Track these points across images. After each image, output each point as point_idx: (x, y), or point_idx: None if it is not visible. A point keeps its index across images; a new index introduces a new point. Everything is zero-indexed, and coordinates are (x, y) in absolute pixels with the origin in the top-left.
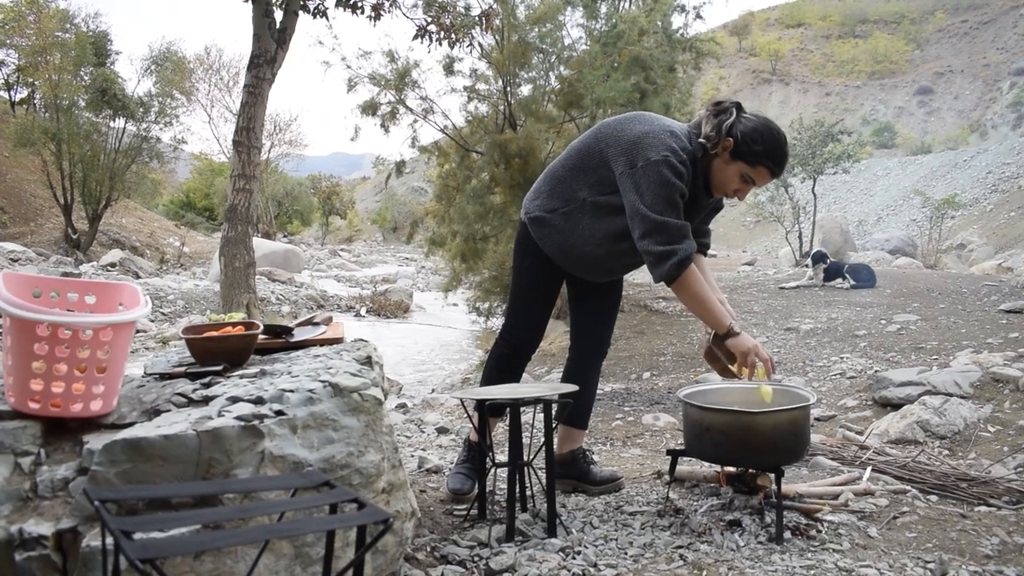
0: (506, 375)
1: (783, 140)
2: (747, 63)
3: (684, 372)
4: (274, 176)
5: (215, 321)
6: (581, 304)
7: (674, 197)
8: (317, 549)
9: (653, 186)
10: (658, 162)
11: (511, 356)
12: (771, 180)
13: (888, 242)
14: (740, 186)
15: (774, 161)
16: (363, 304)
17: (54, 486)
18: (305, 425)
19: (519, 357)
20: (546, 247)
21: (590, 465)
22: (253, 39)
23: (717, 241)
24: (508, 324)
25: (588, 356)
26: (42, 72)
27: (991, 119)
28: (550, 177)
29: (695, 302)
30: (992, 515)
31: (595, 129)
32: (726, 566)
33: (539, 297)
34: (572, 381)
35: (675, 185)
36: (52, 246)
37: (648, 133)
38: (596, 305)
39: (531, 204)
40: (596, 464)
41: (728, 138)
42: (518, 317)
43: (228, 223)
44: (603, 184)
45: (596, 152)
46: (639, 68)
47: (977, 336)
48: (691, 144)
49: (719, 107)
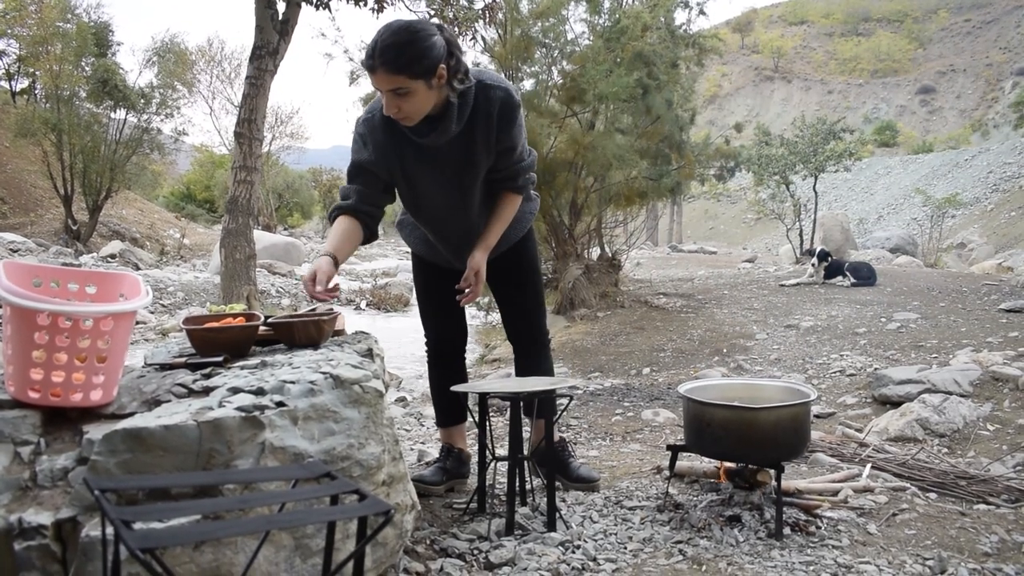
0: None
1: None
2: (749, 60)
3: (684, 368)
4: (275, 169)
5: (215, 312)
6: (500, 299)
7: (352, 162)
8: (317, 541)
9: None
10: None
11: (436, 361)
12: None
13: (889, 240)
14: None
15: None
16: (363, 297)
17: (54, 476)
18: (306, 416)
19: (447, 357)
20: (413, 245)
21: (569, 458)
22: (255, 30)
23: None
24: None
25: (527, 346)
26: (43, 62)
27: (993, 118)
28: None
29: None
30: (991, 513)
31: None
32: (725, 561)
33: (431, 300)
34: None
35: (351, 148)
36: (52, 237)
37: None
38: (507, 295)
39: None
40: (575, 458)
41: None
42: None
43: (229, 215)
44: None
45: None
46: (642, 64)
47: (977, 335)
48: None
49: None
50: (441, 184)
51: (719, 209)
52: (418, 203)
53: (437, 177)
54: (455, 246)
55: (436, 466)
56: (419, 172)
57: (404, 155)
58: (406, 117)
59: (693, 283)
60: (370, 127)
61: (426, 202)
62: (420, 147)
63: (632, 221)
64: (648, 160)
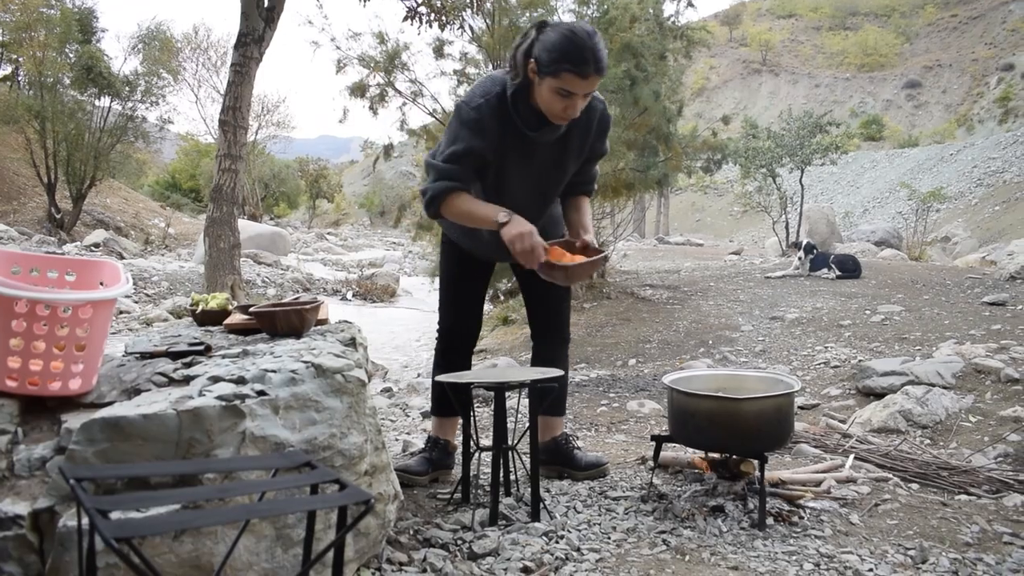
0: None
1: (581, 38)
2: (737, 53)
3: (670, 359)
4: (261, 158)
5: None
6: (530, 290)
7: (455, 143)
8: (298, 531)
9: (446, 132)
10: (456, 108)
11: (447, 349)
12: (587, 83)
13: (874, 233)
14: (563, 103)
15: (572, 62)
16: (350, 288)
17: (31, 465)
18: (287, 406)
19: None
20: (452, 234)
21: (574, 450)
22: (241, 17)
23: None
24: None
25: (552, 341)
26: (26, 49)
27: (978, 113)
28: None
29: (463, 218)
30: (972, 503)
31: None
32: (709, 551)
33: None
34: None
35: (457, 132)
36: (35, 225)
37: (473, 86)
38: (543, 290)
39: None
40: (580, 449)
41: (529, 59)
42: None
43: (213, 203)
44: None
45: None
46: (630, 55)
47: (960, 327)
48: (505, 87)
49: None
50: (528, 181)
51: (706, 201)
52: (500, 195)
53: (527, 174)
54: (483, 244)
55: (421, 456)
56: (512, 165)
57: (507, 146)
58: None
59: (679, 275)
60: (484, 113)
61: (507, 195)
62: (523, 142)
63: (619, 213)
64: (635, 152)
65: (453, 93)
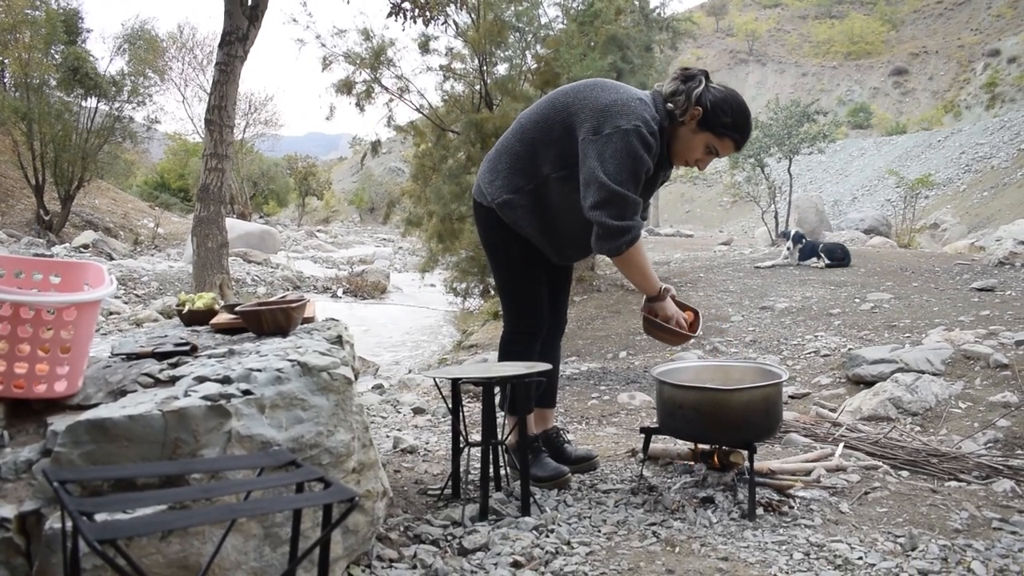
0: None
1: (749, 113)
2: (724, 43)
3: (660, 351)
4: (249, 156)
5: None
6: (556, 286)
7: (638, 170)
8: (286, 529)
9: (619, 155)
10: (628, 131)
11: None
12: (734, 152)
13: (863, 222)
14: (703, 156)
15: (740, 133)
16: (340, 285)
17: (17, 468)
18: (273, 404)
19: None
20: (524, 230)
21: (564, 444)
22: (224, 16)
23: (693, 221)
24: (514, 316)
25: (552, 334)
26: (11, 50)
27: (965, 100)
28: (507, 154)
29: (637, 272)
30: (962, 490)
31: (550, 99)
32: (699, 542)
33: (540, 281)
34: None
35: (641, 158)
36: (24, 227)
37: (618, 101)
38: (555, 281)
39: (491, 186)
40: (571, 443)
41: (697, 107)
42: (523, 306)
43: (200, 203)
44: (565, 157)
45: (557, 123)
46: (616, 47)
47: (949, 314)
48: (658, 112)
49: (687, 74)
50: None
51: (695, 192)
52: None
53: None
54: (568, 248)
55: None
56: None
57: (651, 171)
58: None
59: (669, 266)
60: (657, 140)
61: None
62: (655, 170)
63: None
64: None
65: (439, 89)
